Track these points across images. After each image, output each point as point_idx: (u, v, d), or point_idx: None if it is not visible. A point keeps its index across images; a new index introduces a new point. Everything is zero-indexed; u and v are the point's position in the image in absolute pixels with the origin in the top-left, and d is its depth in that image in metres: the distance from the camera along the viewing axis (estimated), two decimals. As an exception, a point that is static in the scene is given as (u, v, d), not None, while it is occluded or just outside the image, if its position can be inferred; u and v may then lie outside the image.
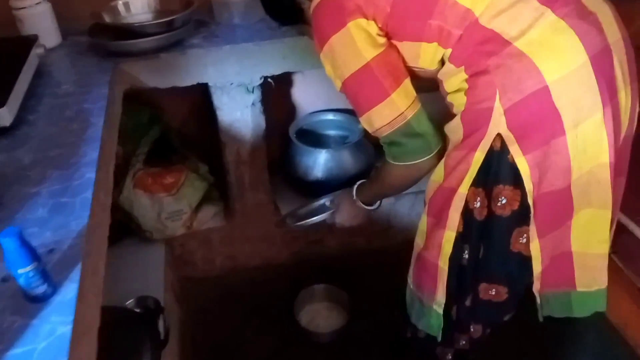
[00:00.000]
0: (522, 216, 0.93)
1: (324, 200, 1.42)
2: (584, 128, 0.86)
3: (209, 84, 1.39)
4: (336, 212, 1.33)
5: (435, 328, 1.08)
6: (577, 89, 0.85)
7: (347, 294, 1.62)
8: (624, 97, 0.90)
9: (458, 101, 0.95)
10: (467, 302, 1.07)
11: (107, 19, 1.37)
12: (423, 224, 1.06)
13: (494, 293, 1.03)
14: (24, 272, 0.64)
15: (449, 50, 0.93)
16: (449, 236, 0.99)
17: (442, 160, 1.00)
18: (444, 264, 1.01)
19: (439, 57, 0.95)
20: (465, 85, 0.92)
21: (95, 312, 0.77)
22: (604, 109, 0.86)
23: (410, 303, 1.14)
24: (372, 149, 1.67)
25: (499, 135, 0.89)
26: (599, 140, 0.88)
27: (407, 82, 0.98)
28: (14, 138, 0.97)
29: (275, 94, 1.51)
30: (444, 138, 1.02)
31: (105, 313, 1.20)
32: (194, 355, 1.57)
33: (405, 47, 0.98)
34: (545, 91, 0.84)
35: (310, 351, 1.58)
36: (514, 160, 0.89)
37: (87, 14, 1.33)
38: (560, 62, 0.85)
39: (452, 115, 0.97)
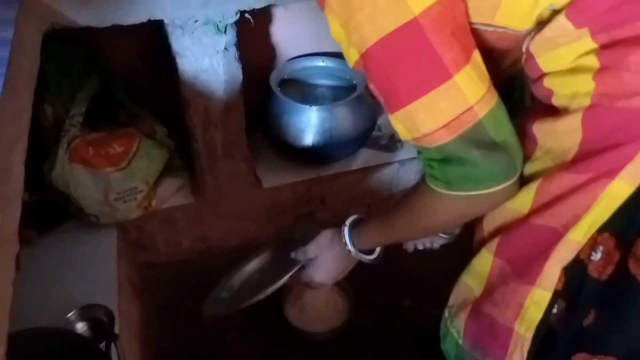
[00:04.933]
0: None
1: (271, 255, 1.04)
2: None
3: (165, 20, 1.01)
4: (311, 266, 0.95)
5: None
6: None
7: (348, 284, 1.34)
8: None
9: (574, 88, 0.58)
10: None
11: None
12: (483, 265, 0.72)
13: None
14: None
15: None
16: (539, 297, 0.65)
17: (532, 184, 0.65)
18: (525, 331, 0.69)
19: (539, 10, 0.57)
20: (594, 63, 0.56)
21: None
22: None
23: (457, 359, 0.81)
24: (373, 107, 1.35)
25: None
26: None
27: (478, 57, 0.60)
28: None
29: (252, 33, 1.14)
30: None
31: (34, 339, 0.90)
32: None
33: None
34: None
35: (305, 354, 1.31)
36: None
37: None
38: None
39: (543, 109, 0.62)
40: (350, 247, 0.88)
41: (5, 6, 0.83)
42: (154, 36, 1.13)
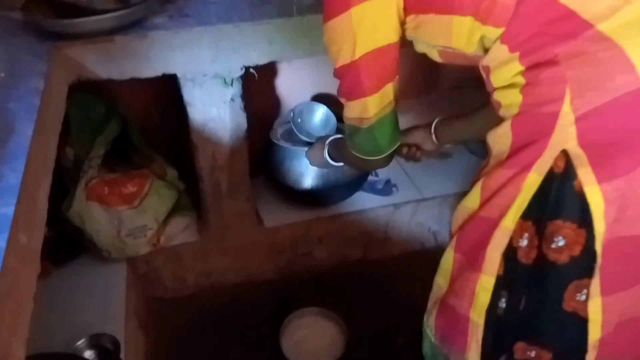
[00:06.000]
0: (583, 265, 0.70)
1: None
2: None
3: (177, 74, 1.13)
4: (309, 149, 1.25)
5: None
6: None
7: (343, 320, 1.40)
8: None
9: (508, 100, 0.72)
10: None
11: (48, -10, 1.08)
12: (448, 261, 0.84)
13: (533, 356, 0.79)
14: None
15: (499, 30, 0.69)
16: (486, 282, 0.77)
17: (479, 182, 0.77)
18: (478, 317, 0.79)
19: (477, 37, 0.73)
20: (521, 80, 0.69)
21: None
22: None
23: (432, 358, 0.92)
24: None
25: (564, 152, 0.66)
26: None
27: (389, 88, 0.85)
28: None
29: (258, 85, 1.25)
30: (399, 137, 0.94)
31: None
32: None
33: (432, 22, 0.77)
34: (638, 96, 0.62)
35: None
36: (582, 189, 0.66)
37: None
38: None
39: (498, 119, 0.74)
40: (325, 150, 1.16)
41: (39, 61, 0.96)
42: (167, 87, 1.25)
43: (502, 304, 0.78)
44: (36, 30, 1.03)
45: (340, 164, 1.16)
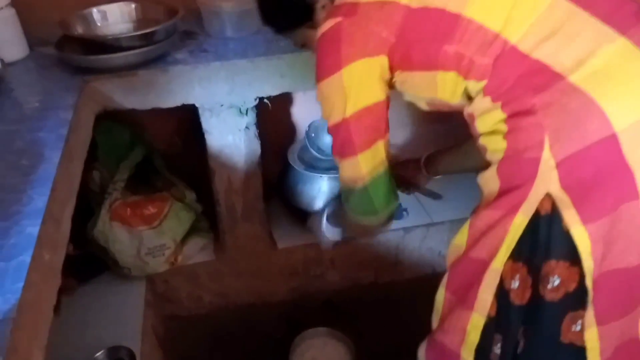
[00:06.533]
0: (577, 298, 0.73)
1: None
2: None
3: (196, 104, 1.21)
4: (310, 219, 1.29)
5: None
6: None
7: (353, 342, 1.43)
8: None
9: (494, 146, 0.77)
10: None
11: (79, 28, 1.19)
12: (439, 300, 0.87)
13: None
14: None
15: (481, 83, 0.75)
16: (476, 321, 0.79)
17: (467, 221, 0.81)
18: (468, 355, 0.82)
19: (461, 90, 0.79)
20: (504, 127, 0.74)
21: None
22: None
23: None
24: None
25: (548, 195, 0.70)
26: None
27: (381, 145, 0.89)
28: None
29: (272, 114, 1.33)
30: (396, 197, 0.97)
31: None
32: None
33: (418, 78, 0.83)
34: (612, 141, 0.66)
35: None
36: (568, 229, 0.70)
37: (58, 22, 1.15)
38: (633, 102, 0.66)
39: (486, 162, 0.79)
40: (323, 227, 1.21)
41: (69, 93, 1.05)
42: (188, 116, 1.33)
43: (497, 349, 0.80)
44: (68, 65, 1.13)
45: (337, 236, 1.19)
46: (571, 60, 0.68)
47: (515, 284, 0.75)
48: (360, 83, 0.83)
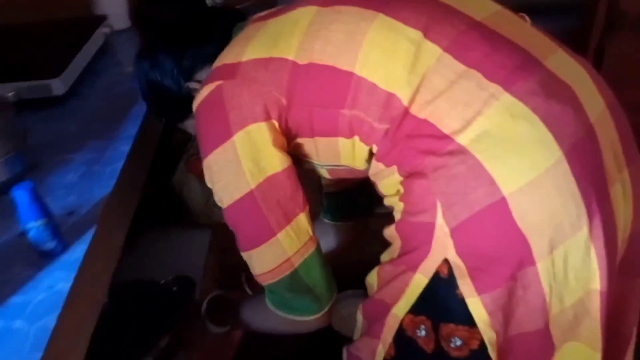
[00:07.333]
0: (484, 354, 0.68)
1: None
2: (563, 251, 0.63)
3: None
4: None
5: None
6: (548, 200, 0.62)
7: None
8: (621, 189, 0.67)
9: (394, 207, 0.73)
10: None
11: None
12: (359, 319, 0.80)
13: None
14: (35, 226, 0.68)
15: (376, 147, 0.72)
16: (380, 351, 0.75)
17: (376, 267, 0.76)
18: None
19: (365, 155, 0.74)
20: (401, 189, 0.70)
21: (103, 277, 0.79)
22: (590, 221, 0.63)
23: None
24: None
25: (446, 261, 0.66)
26: (585, 263, 0.64)
27: (302, 218, 0.76)
28: (65, 108, 1.04)
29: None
30: (335, 283, 0.82)
31: (138, 286, 1.29)
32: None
33: (319, 144, 0.76)
34: (501, 206, 0.62)
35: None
36: (464, 298, 0.66)
37: None
38: (522, 164, 0.62)
39: (392, 218, 0.74)
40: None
41: (131, 124, 1.04)
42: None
43: None
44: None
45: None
46: (458, 120, 0.64)
47: (421, 333, 0.70)
48: (256, 149, 0.73)
